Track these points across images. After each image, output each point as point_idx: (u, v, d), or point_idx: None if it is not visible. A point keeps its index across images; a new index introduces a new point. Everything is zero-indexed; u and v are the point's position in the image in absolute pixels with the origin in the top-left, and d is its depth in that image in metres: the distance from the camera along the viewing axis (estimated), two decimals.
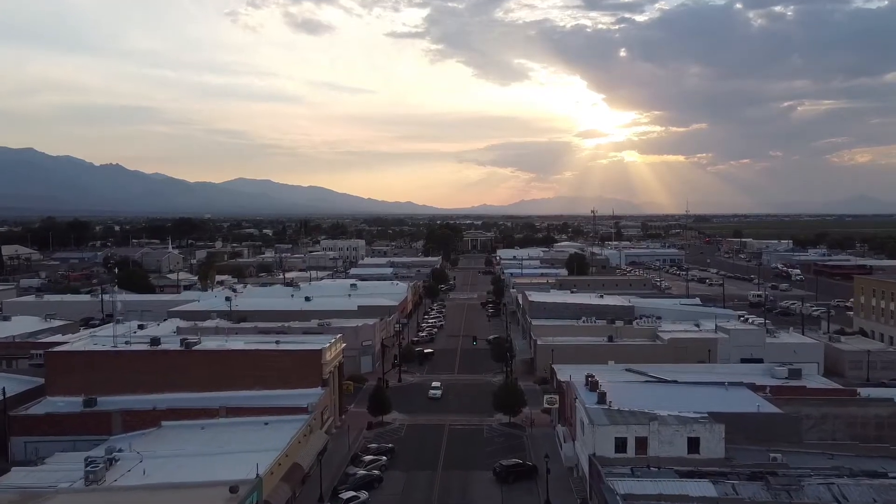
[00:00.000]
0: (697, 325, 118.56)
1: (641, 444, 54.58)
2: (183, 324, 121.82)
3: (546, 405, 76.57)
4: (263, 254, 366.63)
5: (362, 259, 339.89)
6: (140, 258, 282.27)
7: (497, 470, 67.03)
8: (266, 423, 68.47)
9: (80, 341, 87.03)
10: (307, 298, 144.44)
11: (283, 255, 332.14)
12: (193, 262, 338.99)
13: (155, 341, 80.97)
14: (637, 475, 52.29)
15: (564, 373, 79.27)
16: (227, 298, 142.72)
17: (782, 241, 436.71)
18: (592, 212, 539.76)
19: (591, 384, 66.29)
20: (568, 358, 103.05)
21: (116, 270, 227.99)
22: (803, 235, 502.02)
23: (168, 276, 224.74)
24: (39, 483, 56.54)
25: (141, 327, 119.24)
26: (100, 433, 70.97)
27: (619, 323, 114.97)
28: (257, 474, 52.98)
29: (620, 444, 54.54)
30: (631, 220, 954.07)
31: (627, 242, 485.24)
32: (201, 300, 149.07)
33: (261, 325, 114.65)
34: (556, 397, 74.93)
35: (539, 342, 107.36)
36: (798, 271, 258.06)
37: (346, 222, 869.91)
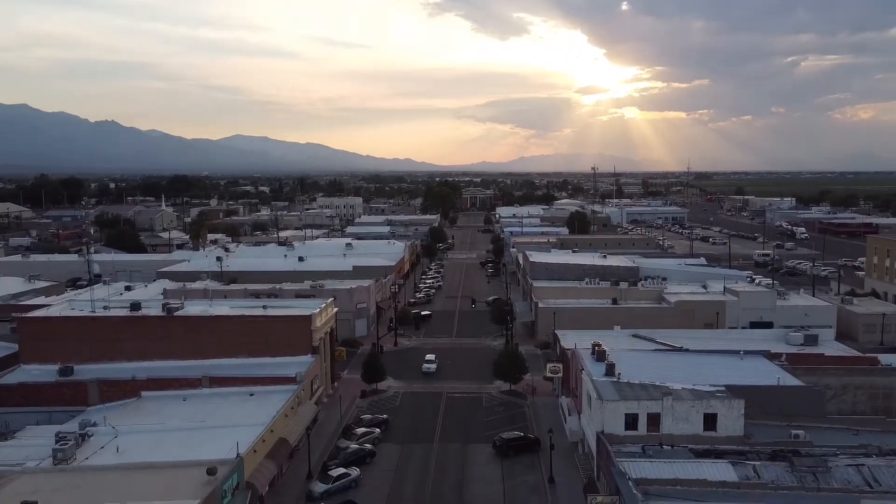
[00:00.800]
0: (704, 287, 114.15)
1: (654, 420, 50.45)
2: (171, 285, 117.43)
3: (549, 374, 72.49)
4: (259, 212, 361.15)
5: (359, 217, 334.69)
6: (132, 216, 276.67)
7: (497, 443, 63.21)
8: (251, 395, 64.44)
9: (56, 306, 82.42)
10: (301, 258, 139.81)
11: (279, 213, 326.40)
12: (187, 220, 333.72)
13: (135, 306, 76.48)
14: (649, 455, 48.26)
15: (568, 339, 75.09)
16: (219, 259, 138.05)
17: (785, 199, 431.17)
18: (593, 169, 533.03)
19: (598, 354, 61.99)
20: (570, 321, 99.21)
21: (93, 231, 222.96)
22: (806, 193, 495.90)
23: (160, 234, 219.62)
24: (6, 460, 52.48)
25: (128, 289, 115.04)
26: (76, 404, 66.93)
27: (623, 285, 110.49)
28: (237, 454, 48.91)
29: (631, 421, 50.41)
30: (631, 177, 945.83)
31: (628, 200, 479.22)
32: (192, 260, 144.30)
33: (251, 287, 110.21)
34: (560, 366, 70.80)
35: (540, 305, 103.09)
36: (803, 229, 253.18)
37: (343, 179, 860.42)
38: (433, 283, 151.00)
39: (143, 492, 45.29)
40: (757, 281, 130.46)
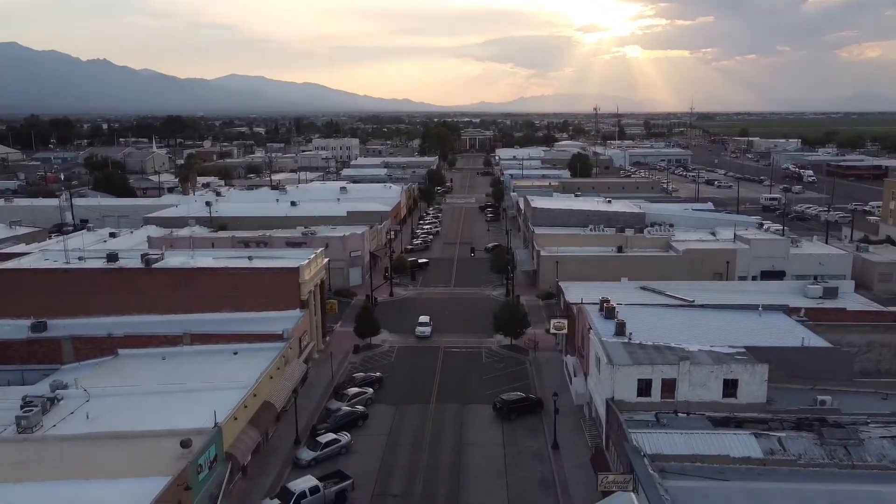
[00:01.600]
0: (713, 234, 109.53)
1: (669, 386, 46.29)
2: (157, 232, 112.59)
3: (553, 330, 68.26)
4: (254, 154, 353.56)
5: (356, 159, 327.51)
6: (123, 158, 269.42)
7: (498, 405, 59.36)
8: (235, 353, 60.31)
9: (29, 256, 77.61)
10: (293, 203, 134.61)
11: (273, 155, 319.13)
12: (180, 162, 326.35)
13: (112, 257, 71.69)
14: (663, 423, 44.30)
15: (573, 292, 70.68)
16: (208, 203, 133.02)
17: (790, 141, 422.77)
18: (595, 109, 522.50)
19: (607, 311, 57.54)
20: (574, 270, 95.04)
21: (63, 177, 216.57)
22: (811, 134, 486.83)
23: (150, 178, 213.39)
24: None
25: (113, 235, 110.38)
26: (50, 362, 63.08)
27: (629, 232, 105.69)
28: (215, 423, 44.88)
29: (644, 387, 46.27)
30: (632, 118, 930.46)
31: (630, 142, 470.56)
32: (180, 205, 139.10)
33: (240, 234, 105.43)
34: (564, 322, 66.48)
35: (543, 253, 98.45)
36: (810, 172, 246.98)
37: (341, 120, 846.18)
38: (431, 228, 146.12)
39: (110, 466, 41.42)
40: (766, 227, 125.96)
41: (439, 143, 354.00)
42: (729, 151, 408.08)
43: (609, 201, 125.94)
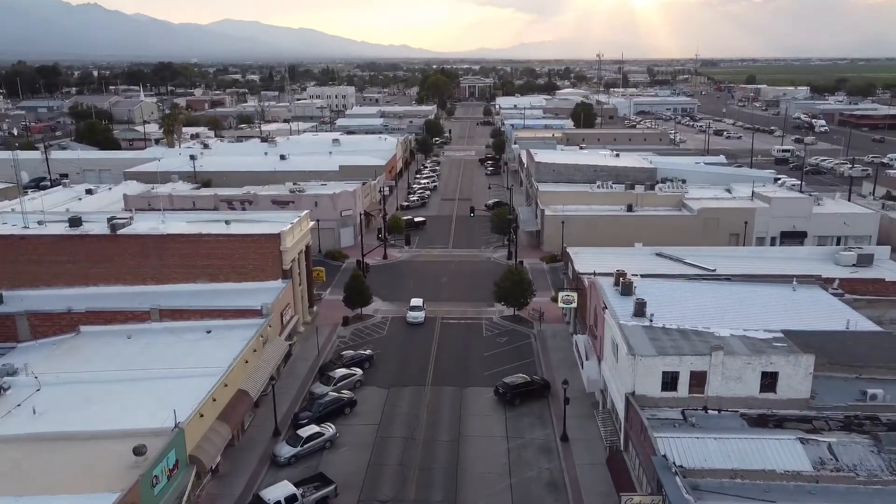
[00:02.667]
0: (729, 191, 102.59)
1: (699, 380, 40.24)
2: (136, 189, 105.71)
3: (561, 304, 61.91)
4: (246, 102, 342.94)
5: (352, 108, 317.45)
6: (110, 108, 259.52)
7: (500, 390, 53.48)
8: (208, 332, 54.15)
9: None
10: (282, 157, 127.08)
11: (266, 104, 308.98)
12: (168, 112, 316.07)
13: (75, 222, 64.90)
14: (692, 423, 38.45)
15: (583, 260, 64.25)
16: (192, 157, 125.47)
17: (799, 88, 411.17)
18: (598, 56, 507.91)
19: (624, 286, 51.17)
20: (581, 230, 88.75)
21: (69, 123, 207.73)
22: (820, 82, 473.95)
23: (137, 128, 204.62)
24: None
25: (89, 192, 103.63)
26: (5, 340, 56.98)
27: (639, 188, 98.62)
28: (175, 424, 38.92)
29: (670, 381, 40.23)
30: (634, 64, 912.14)
31: (634, 89, 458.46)
32: (164, 159, 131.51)
33: (223, 192, 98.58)
34: (574, 295, 60.18)
35: (547, 212, 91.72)
36: (823, 122, 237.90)
37: (338, 67, 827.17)
38: (428, 183, 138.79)
39: (49, 477, 35.63)
40: (781, 182, 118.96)
41: (437, 91, 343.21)
42: (736, 100, 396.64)
43: (617, 155, 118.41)
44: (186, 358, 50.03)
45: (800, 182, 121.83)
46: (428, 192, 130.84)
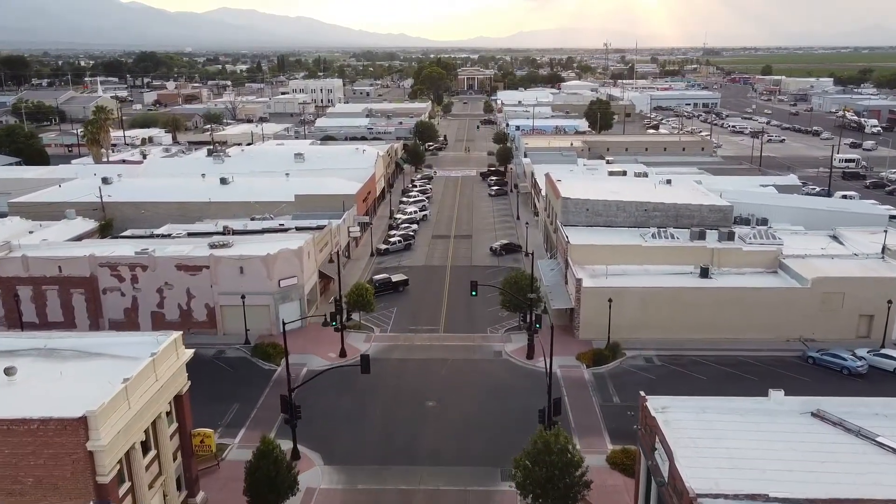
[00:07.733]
0: (836, 239, 72.75)
1: None
2: (14, 229, 76.07)
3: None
4: (221, 98, 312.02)
5: (339, 103, 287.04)
6: (59, 105, 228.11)
7: None
8: None
9: None
10: (223, 181, 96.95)
11: (239, 99, 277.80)
12: (140, 108, 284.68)
13: None
14: None
15: (662, 408, 34.14)
16: (104, 181, 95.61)
17: (821, 80, 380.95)
18: (605, 45, 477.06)
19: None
20: (637, 312, 60.21)
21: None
22: (844, 72, 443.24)
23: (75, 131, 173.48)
24: None
25: None
26: None
27: (711, 238, 68.49)
28: None
29: None
30: (635, 53, 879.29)
31: (644, 81, 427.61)
32: (69, 182, 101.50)
33: (100, 252, 68.68)
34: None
35: (585, 283, 61.58)
36: (874, 121, 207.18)
37: (333, 57, 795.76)
38: (416, 211, 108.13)
39: None
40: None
41: (433, 84, 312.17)
42: (758, 93, 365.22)
43: (669, 181, 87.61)
44: None
45: None
46: (415, 227, 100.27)
